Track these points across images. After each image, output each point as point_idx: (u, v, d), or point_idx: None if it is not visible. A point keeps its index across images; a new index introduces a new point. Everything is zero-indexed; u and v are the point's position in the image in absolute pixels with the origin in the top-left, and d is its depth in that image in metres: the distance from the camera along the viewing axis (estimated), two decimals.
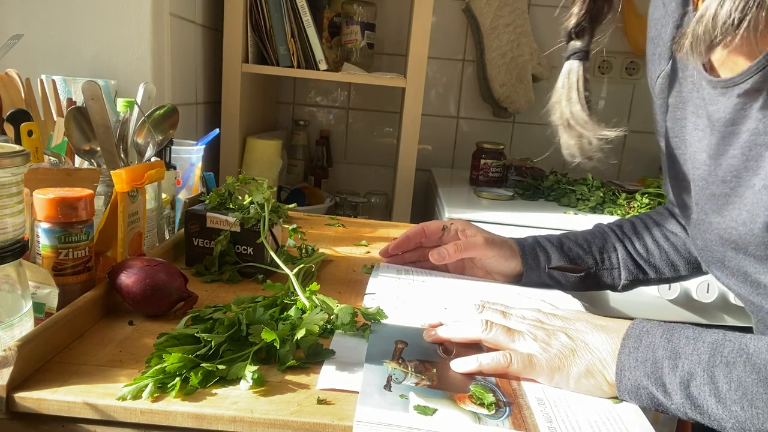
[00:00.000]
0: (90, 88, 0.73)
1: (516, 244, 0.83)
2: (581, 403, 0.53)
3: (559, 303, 0.74)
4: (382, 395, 0.50)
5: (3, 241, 0.49)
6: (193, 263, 0.78)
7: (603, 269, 0.82)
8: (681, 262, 0.83)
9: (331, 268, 0.85)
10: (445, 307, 0.70)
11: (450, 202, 1.58)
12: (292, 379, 0.53)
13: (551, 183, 1.75)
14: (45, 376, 0.50)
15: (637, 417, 0.51)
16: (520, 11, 1.93)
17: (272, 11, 1.55)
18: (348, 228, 1.10)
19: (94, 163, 0.77)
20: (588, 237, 0.84)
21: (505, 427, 0.47)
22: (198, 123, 1.58)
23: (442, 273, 0.84)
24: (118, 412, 0.47)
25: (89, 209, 0.61)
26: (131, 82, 1.21)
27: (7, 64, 0.98)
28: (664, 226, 0.85)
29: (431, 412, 0.48)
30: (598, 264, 0.82)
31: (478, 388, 0.52)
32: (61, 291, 0.59)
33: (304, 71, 1.60)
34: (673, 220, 0.85)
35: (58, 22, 1.20)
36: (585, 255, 0.82)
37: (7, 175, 0.49)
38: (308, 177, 2.01)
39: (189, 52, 1.49)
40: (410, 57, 1.61)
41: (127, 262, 0.63)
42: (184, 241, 0.79)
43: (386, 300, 0.71)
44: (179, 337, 0.55)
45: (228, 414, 0.47)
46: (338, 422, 0.47)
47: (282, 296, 0.66)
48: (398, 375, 0.53)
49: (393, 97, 2.04)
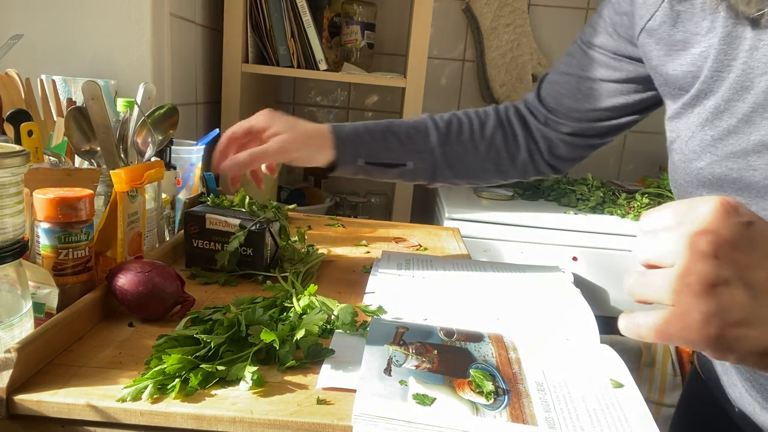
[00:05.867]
0: (90, 88, 0.73)
1: (331, 132, 0.80)
2: (581, 389, 0.53)
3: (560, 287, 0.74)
4: (382, 380, 0.50)
5: (3, 241, 0.49)
6: (193, 265, 0.78)
7: (419, 166, 0.82)
8: (492, 167, 0.85)
9: (331, 268, 0.85)
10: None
11: (450, 202, 1.58)
12: (291, 380, 0.52)
13: (551, 183, 1.75)
14: (45, 378, 0.50)
15: (636, 404, 0.51)
16: (520, 11, 1.93)
17: (272, 11, 1.55)
18: (348, 228, 1.10)
19: (94, 163, 0.77)
20: (411, 132, 0.83)
21: (503, 418, 0.47)
22: (198, 123, 1.58)
23: (443, 269, 0.84)
24: (118, 414, 0.47)
25: (89, 209, 0.61)
26: (131, 82, 1.21)
27: (7, 64, 0.98)
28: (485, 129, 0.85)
29: (430, 401, 0.48)
30: (416, 161, 0.81)
31: (478, 373, 0.52)
32: (61, 291, 0.59)
33: (304, 71, 1.60)
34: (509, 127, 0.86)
35: (58, 22, 1.20)
36: (405, 151, 0.81)
37: (7, 175, 0.49)
38: (308, 177, 2.01)
39: (189, 52, 1.48)
40: (410, 57, 1.61)
41: (124, 265, 0.63)
42: (184, 242, 0.79)
43: (386, 298, 0.71)
44: (179, 338, 0.55)
45: (228, 415, 0.47)
46: (338, 422, 0.47)
47: (281, 297, 0.66)
48: (399, 357, 0.54)
49: (393, 97, 2.04)
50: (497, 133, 0.85)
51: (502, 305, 0.72)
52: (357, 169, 0.81)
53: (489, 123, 0.85)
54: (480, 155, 0.84)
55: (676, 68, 0.61)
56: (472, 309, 0.71)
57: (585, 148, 0.84)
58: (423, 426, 0.46)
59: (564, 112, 0.80)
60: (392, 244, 1.01)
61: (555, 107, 0.81)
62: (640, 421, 0.49)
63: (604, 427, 0.48)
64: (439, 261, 0.89)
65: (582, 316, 0.69)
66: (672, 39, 0.61)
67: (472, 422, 0.46)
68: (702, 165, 0.56)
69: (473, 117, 0.85)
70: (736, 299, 0.35)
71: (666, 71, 0.62)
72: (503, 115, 0.86)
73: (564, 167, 0.87)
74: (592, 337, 0.65)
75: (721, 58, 0.56)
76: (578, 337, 0.65)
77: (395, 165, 0.81)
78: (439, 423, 0.46)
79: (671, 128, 0.63)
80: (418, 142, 0.82)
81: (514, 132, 0.85)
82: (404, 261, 0.87)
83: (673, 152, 0.62)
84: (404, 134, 0.82)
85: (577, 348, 0.61)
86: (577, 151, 0.84)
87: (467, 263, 0.88)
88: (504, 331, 0.63)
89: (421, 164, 0.82)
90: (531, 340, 0.61)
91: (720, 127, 0.55)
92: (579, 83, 0.77)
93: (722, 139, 0.55)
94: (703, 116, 0.57)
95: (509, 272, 0.85)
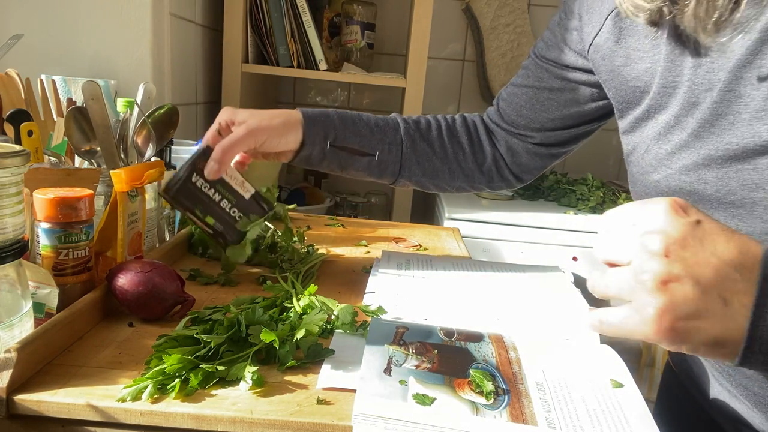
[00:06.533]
0: (90, 88, 0.73)
1: (300, 113, 0.78)
2: (581, 389, 0.53)
3: (560, 287, 0.74)
4: (382, 380, 0.50)
5: (3, 241, 0.49)
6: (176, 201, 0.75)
7: (387, 158, 0.81)
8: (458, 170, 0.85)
9: (331, 268, 0.85)
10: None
11: (450, 202, 1.58)
12: (291, 380, 0.52)
13: (551, 183, 1.75)
14: (45, 378, 0.50)
15: (636, 404, 0.51)
16: (520, 11, 1.94)
17: (272, 11, 1.55)
18: (348, 228, 1.10)
19: (94, 163, 0.77)
20: (381, 123, 0.83)
21: (503, 418, 0.48)
22: (198, 123, 1.58)
23: (443, 269, 0.84)
24: (118, 414, 0.47)
25: (89, 209, 0.61)
26: (131, 82, 1.21)
27: (7, 64, 0.98)
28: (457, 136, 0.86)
29: (430, 401, 0.48)
30: (384, 152, 0.81)
31: (478, 373, 0.52)
32: (61, 291, 0.59)
33: (304, 71, 1.61)
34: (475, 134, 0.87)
35: (58, 22, 1.20)
36: (374, 140, 0.80)
37: (7, 175, 0.49)
38: (308, 177, 2.01)
39: (189, 52, 1.48)
40: (410, 57, 1.61)
41: (124, 265, 0.63)
42: (184, 176, 0.74)
43: (386, 298, 0.71)
44: (179, 338, 0.55)
45: (228, 415, 0.47)
46: (338, 422, 0.47)
47: (281, 297, 0.66)
48: (399, 357, 0.54)
49: (393, 97, 2.04)
50: (464, 137, 0.86)
51: (502, 305, 0.72)
52: (323, 154, 0.78)
53: (457, 127, 0.87)
54: (448, 156, 0.85)
55: (623, 83, 0.63)
56: (472, 309, 0.71)
57: (547, 157, 0.86)
58: (423, 426, 0.46)
59: (524, 123, 0.83)
60: (392, 244, 1.01)
61: (515, 119, 0.83)
62: (640, 421, 0.49)
63: (604, 427, 0.48)
64: (439, 261, 0.89)
65: (582, 317, 0.69)
66: (617, 55, 0.63)
67: (472, 422, 0.46)
68: (658, 178, 0.58)
69: (441, 120, 0.87)
70: (686, 294, 0.38)
71: (615, 86, 0.64)
72: (470, 122, 0.88)
73: (527, 177, 0.89)
74: (592, 337, 0.65)
75: (666, 75, 0.57)
76: (578, 337, 0.65)
77: (363, 154, 0.80)
78: (439, 423, 0.46)
79: (626, 141, 0.64)
80: (388, 133, 0.82)
81: (480, 139, 0.87)
82: (404, 261, 0.87)
83: (630, 164, 0.64)
84: (374, 123, 0.82)
85: (577, 348, 0.61)
86: (539, 161, 0.87)
87: (467, 263, 0.88)
88: (504, 331, 0.63)
89: (389, 156, 0.82)
90: (531, 340, 0.61)
91: (672, 142, 0.56)
92: (536, 94, 0.80)
93: (675, 153, 0.56)
94: (656, 130, 0.59)
95: (509, 272, 0.85)
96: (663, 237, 0.39)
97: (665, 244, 0.39)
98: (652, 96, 0.59)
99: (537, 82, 0.79)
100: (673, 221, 0.39)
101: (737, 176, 0.50)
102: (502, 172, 0.88)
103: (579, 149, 0.86)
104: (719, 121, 0.52)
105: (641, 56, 0.60)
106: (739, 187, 0.50)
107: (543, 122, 0.81)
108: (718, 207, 0.52)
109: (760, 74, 0.49)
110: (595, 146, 1.91)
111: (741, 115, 0.50)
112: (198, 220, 0.75)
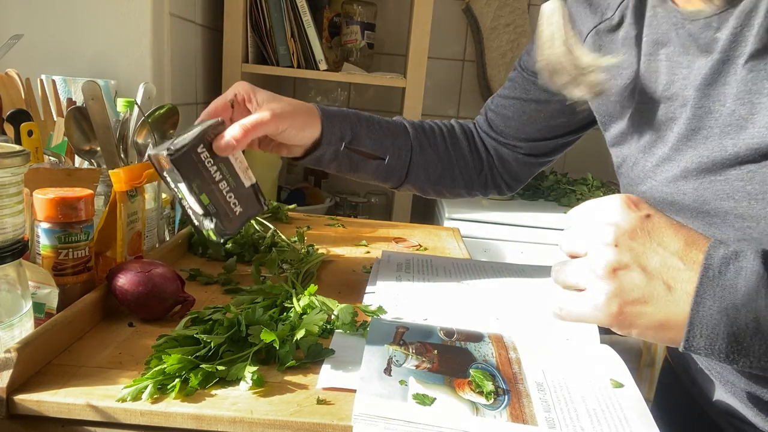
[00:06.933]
0: (90, 88, 0.73)
1: (318, 110, 0.75)
2: (581, 389, 0.53)
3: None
4: (382, 380, 0.50)
5: (3, 241, 0.49)
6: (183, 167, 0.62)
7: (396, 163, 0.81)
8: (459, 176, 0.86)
9: (331, 268, 0.85)
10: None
11: (450, 203, 1.58)
12: (291, 380, 0.52)
13: (551, 183, 1.75)
14: (45, 378, 0.50)
15: (636, 404, 0.51)
16: (520, 11, 1.94)
17: (272, 11, 1.55)
18: (348, 228, 1.10)
19: (94, 163, 0.77)
20: (391, 126, 0.82)
21: (503, 418, 0.48)
22: None
23: (443, 269, 0.84)
24: (118, 414, 0.47)
25: (89, 209, 0.61)
26: (131, 82, 1.21)
27: (7, 64, 0.98)
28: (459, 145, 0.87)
29: (430, 401, 0.48)
30: (394, 156, 0.81)
31: (478, 373, 0.52)
32: (61, 291, 0.59)
33: (304, 71, 1.61)
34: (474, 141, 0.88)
35: (58, 22, 1.20)
36: (386, 143, 0.80)
37: (7, 175, 0.49)
38: (308, 177, 2.01)
39: (189, 52, 1.49)
40: (410, 57, 1.61)
41: (124, 265, 0.63)
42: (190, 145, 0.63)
43: (386, 297, 0.71)
44: (179, 338, 0.55)
45: (228, 415, 0.47)
46: (338, 422, 0.47)
47: (281, 297, 0.66)
48: (399, 357, 0.54)
49: (393, 97, 2.04)
50: (464, 144, 0.87)
51: (502, 305, 0.72)
52: (335, 156, 0.76)
53: (456, 133, 0.88)
54: (452, 162, 0.86)
55: (605, 98, 0.65)
56: (472, 309, 0.71)
57: (535, 165, 0.88)
58: (423, 426, 0.46)
59: (512, 134, 0.84)
60: (392, 244, 1.01)
61: (504, 129, 0.85)
62: (640, 421, 0.49)
63: (604, 427, 0.48)
64: (439, 261, 0.89)
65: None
66: None
67: (472, 422, 0.46)
68: (644, 189, 0.60)
69: (441, 126, 0.88)
70: (633, 281, 0.42)
71: (597, 99, 0.66)
72: (467, 129, 0.89)
73: (516, 185, 0.91)
74: (592, 337, 0.65)
75: (644, 91, 0.59)
76: (578, 337, 0.65)
77: (374, 157, 0.80)
78: (439, 423, 0.46)
79: (616, 154, 0.67)
80: (399, 137, 0.82)
81: (477, 147, 0.88)
82: (404, 261, 0.87)
83: (621, 176, 0.67)
84: (385, 126, 0.82)
85: (577, 348, 0.61)
86: (527, 169, 0.89)
87: (467, 263, 0.88)
88: (504, 331, 0.63)
89: (398, 161, 0.81)
90: (531, 340, 0.61)
91: (656, 155, 0.59)
92: (523, 106, 0.81)
93: (659, 166, 0.59)
94: (641, 144, 0.61)
95: (509, 272, 0.85)
96: (614, 229, 0.43)
97: (616, 235, 0.43)
98: (633, 112, 0.61)
99: (523, 93, 0.81)
100: (625, 215, 0.43)
101: (711, 187, 0.53)
102: (495, 179, 0.90)
103: (579, 149, 0.87)
104: (695, 135, 0.54)
105: (620, 72, 0.62)
106: (713, 197, 0.53)
107: (530, 133, 0.83)
108: (695, 216, 0.55)
109: (724, 91, 0.52)
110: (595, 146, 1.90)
111: (713, 130, 0.53)
112: (192, 195, 0.63)
